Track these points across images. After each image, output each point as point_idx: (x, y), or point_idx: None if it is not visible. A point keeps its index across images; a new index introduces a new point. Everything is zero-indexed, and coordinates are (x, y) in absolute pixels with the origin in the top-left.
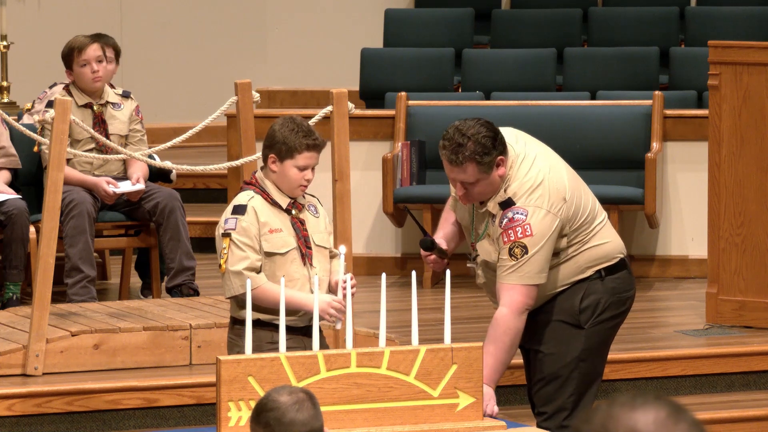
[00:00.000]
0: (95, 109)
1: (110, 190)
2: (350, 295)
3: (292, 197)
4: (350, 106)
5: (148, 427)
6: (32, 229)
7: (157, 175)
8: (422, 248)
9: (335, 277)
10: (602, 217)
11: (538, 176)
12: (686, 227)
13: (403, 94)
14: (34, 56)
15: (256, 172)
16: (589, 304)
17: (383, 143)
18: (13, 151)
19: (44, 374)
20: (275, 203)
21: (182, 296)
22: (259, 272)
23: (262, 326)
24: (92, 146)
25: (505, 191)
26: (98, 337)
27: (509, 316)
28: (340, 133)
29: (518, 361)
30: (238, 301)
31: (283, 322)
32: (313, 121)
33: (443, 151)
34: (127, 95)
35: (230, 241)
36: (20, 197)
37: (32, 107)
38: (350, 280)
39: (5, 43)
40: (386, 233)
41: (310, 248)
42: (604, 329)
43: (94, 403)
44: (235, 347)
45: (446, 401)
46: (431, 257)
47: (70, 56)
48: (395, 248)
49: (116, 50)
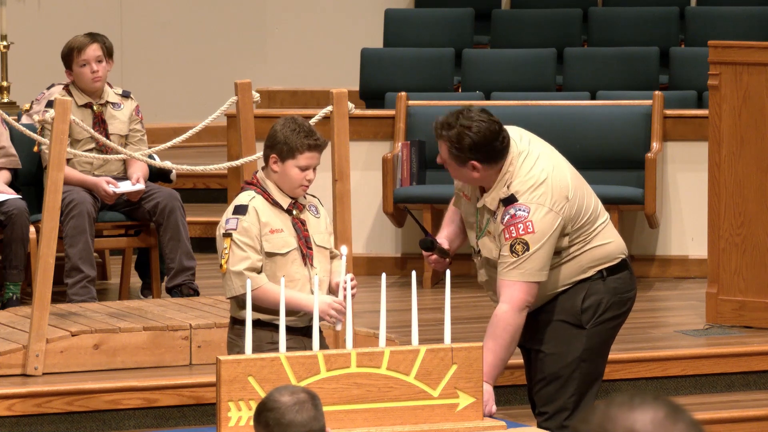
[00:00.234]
0: (95, 109)
1: (110, 190)
2: (350, 295)
3: (293, 197)
4: (350, 106)
5: (148, 427)
6: (32, 229)
7: (157, 175)
8: (422, 248)
9: (336, 278)
10: (604, 217)
11: (541, 174)
12: (686, 227)
13: (403, 94)
14: (34, 56)
15: (257, 172)
16: (590, 304)
17: (383, 143)
18: (13, 151)
19: (44, 374)
20: (276, 203)
21: (182, 296)
22: (259, 272)
23: (262, 326)
24: (92, 146)
25: (507, 188)
26: (98, 337)
27: (509, 312)
28: (340, 133)
29: (518, 361)
30: (238, 301)
31: (283, 322)
32: (313, 121)
33: (439, 119)
34: (127, 95)
35: (231, 241)
36: (20, 197)
37: (30, 108)
38: (350, 281)
39: (5, 43)
40: (386, 233)
41: (310, 249)
42: (605, 329)
43: (94, 403)
44: (235, 347)
45: (446, 401)
46: (433, 257)
47: (69, 56)
48: (395, 248)
49: (110, 50)
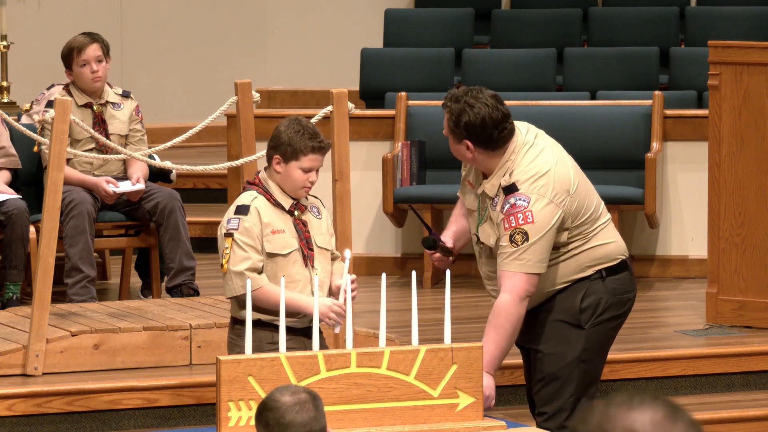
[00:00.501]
0: (95, 109)
1: (110, 189)
2: (350, 296)
3: (295, 198)
4: (350, 106)
5: (148, 427)
6: (32, 229)
7: (157, 175)
8: (425, 247)
9: (336, 279)
10: (606, 218)
11: (543, 166)
12: (686, 227)
13: (403, 94)
14: (34, 56)
15: (259, 172)
16: (589, 304)
17: (383, 143)
18: (13, 151)
19: (44, 374)
20: (278, 204)
21: (182, 296)
22: (260, 273)
23: (262, 326)
24: (92, 146)
25: (510, 176)
26: (98, 337)
27: (511, 302)
28: (340, 133)
29: (518, 361)
30: (239, 301)
31: (283, 322)
32: (313, 121)
33: (451, 90)
34: (127, 95)
35: (232, 241)
36: (20, 197)
37: (30, 108)
38: (350, 282)
39: (5, 43)
40: (386, 233)
41: (311, 250)
42: (604, 330)
43: (94, 403)
44: (235, 347)
45: (446, 401)
46: (436, 255)
47: (69, 56)
48: (395, 248)
49: (108, 48)
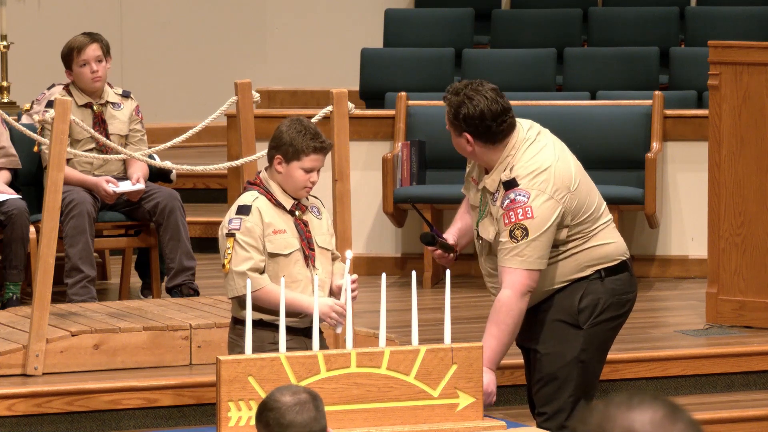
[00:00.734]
0: (95, 109)
1: (110, 189)
2: (350, 297)
3: (295, 198)
4: (350, 106)
5: (148, 427)
6: (32, 229)
7: (157, 175)
8: (423, 243)
9: (337, 279)
10: (607, 218)
11: (545, 162)
12: (686, 227)
13: (403, 94)
14: (34, 56)
15: (260, 172)
16: (588, 304)
17: (383, 143)
18: (13, 151)
19: (44, 374)
20: (279, 204)
21: (182, 296)
22: (262, 273)
23: (264, 326)
24: (92, 146)
25: (510, 171)
26: (98, 337)
27: (512, 298)
28: (340, 133)
29: (518, 361)
30: (240, 301)
31: (283, 322)
32: (313, 121)
33: (453, 83)
34: (127, 95)
35: (234, 241)
36: (20, 197)
37: (30, 108)
38: (351, 282)
39: (5, 43)
40: (386, 233)
41: (313, 250)
42: (603, 330)
43: (94, 403)
44: (236, 347)
45: (446, 401)
46: (437, 252)
47: (69, 56)
48: (395, 248)
49: (108, 48)
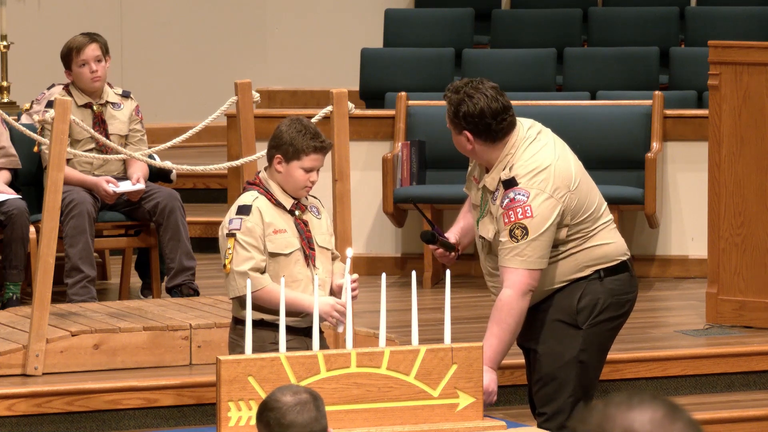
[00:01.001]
0: (95, 109)
1: (110, 189)
2: (350, 296)
3: (295, 198)
4: (350, 106)
5: (148, 427)
6: (32, 229)
7: (157, 175)
8: (423, 241)
9: (337, 279)
10: (607, 219)
11: (544, 161)
12: (686, 227)
13: (403, 94)
14: (34, 56)
15: (259, 172)
16: (586, 304)
17: (383, 143)
18: (13, 151)
19: (44, 374)
20: (279, 204)
21: (182, 296)
22: (263, 273)
23: (265, 326)
24: (92, 146)
25: (510, 170)
26: (98, 337)
27: (513, 297)
28: (340, 133)
29: (518, 361)
30: (241, 301)
31: (283, 322)
32: (313, 121)
33: (454, 82)
34: (126, 95)
35: (235, 241)
36: (20, 197)
37: (30, 108)
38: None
39: (5, 43)
40: (386, 233)
41: (313, 249)
42: (602, 330)
43: (94, 403)
44: (237, 347)
45: (446, 401)
46: (438, 251)
47: (68, 56)
48: (395, 248)
49: (107, 47)
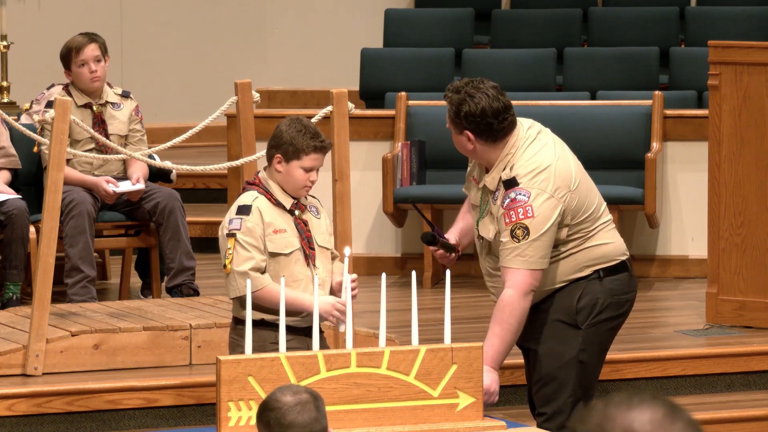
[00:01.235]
0: (95, 109)
1: (110, 189)
2: (350, 296)
3: (295, 198)
4: (350, 106)
5: (148, 427)
6: (32, 229)
7: (157, 175)
8: (423, 242)
9: (337, 278)
10: (607, 218)
11: (545, 161)
12: (686, 227)
13: (403, 94)
14: (34, 56)
15: (259, 172)
16: (586, 303)
17: (383, 143)
18: (13, 151)
19: (44, 374)
20: (279, 204)
21: (182, 296)
22: (263, 273)
23: (266, 326)
24: (92, 146)
25: (510, 170)
26: (98, 337)
27: (515, 297)
28: (340, 133)
29: (518, 361)
30: (242, 301)
31: (283, 322)
32: (313, 121)
33: (453, 82)
34: (126, 95)
35: (235, 241)
36: (20, 197)
37: (30, 108)
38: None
39: (5, 43)
40: (386, 233)
41: (313, 249)
42: (601, 330)
43: (94, 403)
44: (237, 347)
45: (446, 401)
46: (438, 251)
47: (68, 56)
48: (395, 248)
49: (106, 47)
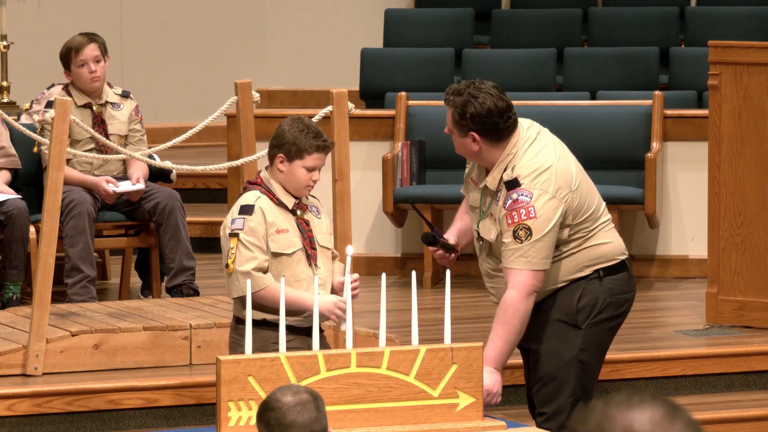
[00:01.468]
0: (94, 109)
1: (110, 189)
2: (350, 295)
3: (297, 197)
4: (350, 106)
5: (148, 427)
6: (32, 229)
7: (157, 175)
8: (424, 243)
9: (338, 278)
10: (606, 218)
11: (546, 161)
12: (686, 227)
13: (403, 94)
14: (34, 56)
15: (260, 172)
16: (586, 303)
17: (383, 143)
18: (13, 151)
19: (44, 374)
20: (281, 203)
21: (182, 296)
22: (266, 272)
23: (267, 326)
24: (92, 146)
25: (512, 170)
26: (98, 337)
27: (517, 298)
28: (340, 133)
29: (518, 360)
30: (244, 301)
31: (283, 322)
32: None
33: (452, 85)
34: (126, 95)
35: (238, 241)
36: (20, 197)
37: (30, 108)
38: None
39: (5, 43)
40: (386, 233)
41: (314, 249)
42: (601, 330)
43: (94, 403)
44: (238, 347)
45: (446, 401)
46: (438, 252)
47: (67, 57)
48: (395, 248)
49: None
